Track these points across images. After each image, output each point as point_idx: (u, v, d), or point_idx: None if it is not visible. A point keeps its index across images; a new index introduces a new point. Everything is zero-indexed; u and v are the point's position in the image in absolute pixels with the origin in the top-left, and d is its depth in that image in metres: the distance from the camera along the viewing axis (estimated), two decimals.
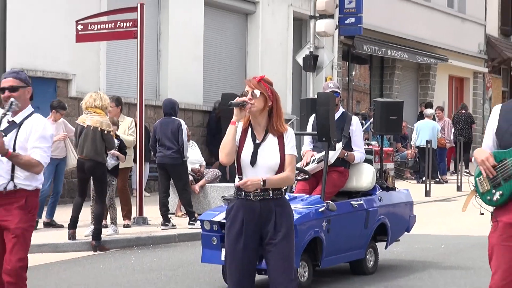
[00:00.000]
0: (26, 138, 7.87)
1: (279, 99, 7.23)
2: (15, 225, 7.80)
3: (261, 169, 7.06)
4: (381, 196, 12.58)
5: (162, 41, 24.32)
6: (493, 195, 6.80)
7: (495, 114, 6.91)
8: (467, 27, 40.36)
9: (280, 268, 7.13)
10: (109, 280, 12.23)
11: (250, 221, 7.15)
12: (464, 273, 12.34)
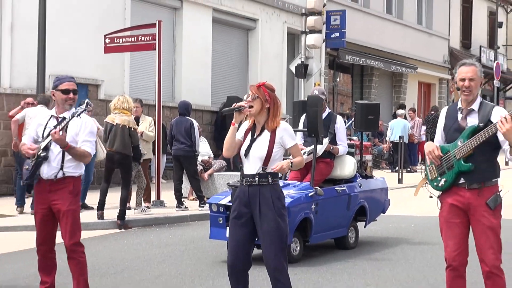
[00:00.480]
0: (77, 132, 7.98)
1: (278, 102, 7.34)
2: (67, 208, 7.95)
3: (252, 160, 7.21)
4: (361, 183, 12.65)
5: (176, 52, 24.29)
6: (439, 181, 7.01)
7: (442, 114, 7.21)
8: (433, 41, 40.30)
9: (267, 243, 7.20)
10: (132, 253, 12.26)
11: (244, 203, 7.26)
12: (431, 247, 12.35)
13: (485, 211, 6.81)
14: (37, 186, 8.08)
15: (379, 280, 10.02)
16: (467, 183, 6.84)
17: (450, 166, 6.87)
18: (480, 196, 6.81)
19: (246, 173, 7.23)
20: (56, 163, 7.95)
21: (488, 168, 6.88)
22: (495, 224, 6.84)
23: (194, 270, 10.77)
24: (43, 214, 8.09)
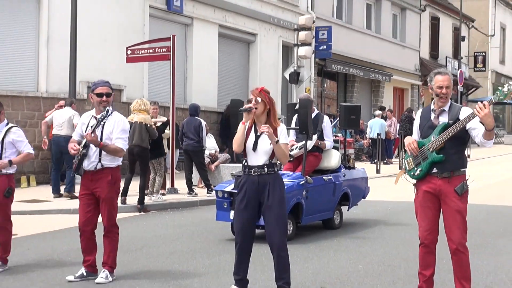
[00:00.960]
0: (111, 130, 8.17)
1: (275, 103, 7.51)
2: (105, 195, 8.23)
3: (259, 153, 7.28)
4: (344, 173, 12.65)
5: (188, 62, 24.26)
6: (415, 171, 7.15)
7: (418, 115, 7.47)
8: (406, 52, 40.28)
9: (273, 223, 7.28)
10: (150, 233, 12.26)
11: (251, 190, 7.30)
12: (404, 227, 12.34)
13: (454, 196, 6.92)
14: (84, 176, 8.36)
15: (360, 255, 10.02)
16: (438, 172, 6.95)
17: (425, 157, 7.00)
18: (449, 183, 6.93)
19: (254, 165, 7.28)
20: (94, 157, 8.23)
21: (457, 159, 6.98)
22: (462, 208, 6.96)
23: (203, 247, 10.79)
24: (87, 199, 8.37)
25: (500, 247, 10.42)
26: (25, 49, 19.49)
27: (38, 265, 9.28)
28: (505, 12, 57.32)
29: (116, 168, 8.36)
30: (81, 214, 8.35)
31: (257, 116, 7.29)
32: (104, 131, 8.19)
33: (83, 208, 8.33)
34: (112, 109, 8.31)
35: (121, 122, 8.30)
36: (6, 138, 8.91)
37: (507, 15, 57.58)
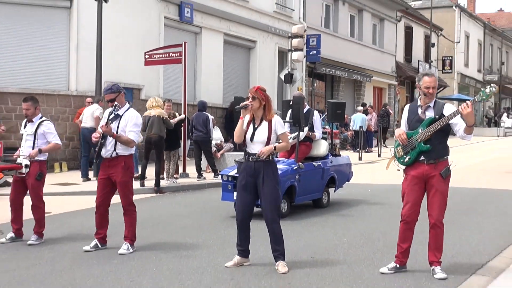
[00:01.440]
0: (125, 124, 8.36)
1: (270, 100, 7.54)
2: (120, 179, 8.38)
3: (256, 143, 7.37)
4: (331, 159, 12.64)
5: (197, 65, 24.21)
6: (404, 158, 7.18)
7: (405, 109, 7.46)
8: (384, 56, 40.24)
9: (269, 203, 7.33)
10: (165, 211, 12.28)
11: (249, 174, 7.37)
12: (383, 206, 12.36)
13: (438, 179, 7.01)
14: (102, 163, 8.50)
15: (345, 230, 10.03)
16: (425, 159, 7.02)
17: (413, 147, 7.08)
18: (435, 168, 7.02)
19: (252, 153, 7.36)
20: (110, 146, 8.35)
21: (441, 148, 7.07)
22: (445, 189, 7.08)
23: (210, 222, 10.80)
24: (104, 182, 8.48)
25: (464, 223, 10.47)
26: (57, 54, 19.49)
27: (69, 239, 9.30)
28: (469, 22, 57.42)
29: (129, 156, 8.49)
30: (98, 194, 8.52)
31: (254, 111, 7.38)
32: (120, 125, 8.35)
33: (100, 189, 8.49)
34: (130, 106, 8.62)
35: (134, 118, 8.48)
36: (38, 130, 9.03)
37: (470, 25, 57.65)
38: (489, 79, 61.01)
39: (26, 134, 9.06)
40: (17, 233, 9.12)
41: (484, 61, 61.53)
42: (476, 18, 60.43)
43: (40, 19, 19.25)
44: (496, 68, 63.57)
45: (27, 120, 9.10)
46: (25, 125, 9.14)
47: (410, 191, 7.11)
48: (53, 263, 7.81)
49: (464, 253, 8.24)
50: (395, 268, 7.23)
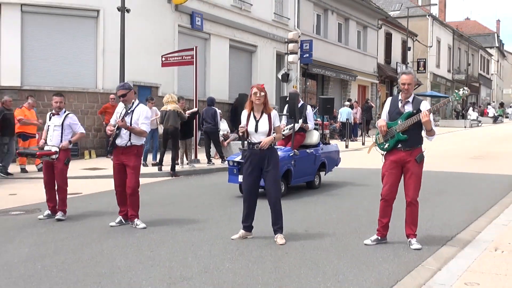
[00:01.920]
0: (137, 117, 8.35)
1: (267, 96, 7.55)
2: (132, 164, 8.35)
3: (259, 133, 7.37)
4: (322, 147, 12.63)
5: (206, 66, 24.15)
6: (384, 145, 7.18)
7: (387, 102, 7.51)
8: (367, 59, 40.13)
9: (271, 184, 7.36)
10: (179, 192, 12.28)
11: (254, 160, 7.38)
12: (366, 187, 12.34)
13: (414, 163, 7.03)
14: (115, 150, 8.49)
15: (334, 207, 10.03)
16: (402, 147, 7.05)
17: (392, 136, 7.10)
18: (411, 155, 7.05)
19: (256, 142, 7.40)
20: (125, 137, 8.41)
21: (416, 138, 7.09)
22: (419, 172, 7.09)
23: (218, 201, 10.80)
24: (118, 167, 8.53)
25: (436, 202, 10.48)
26: (86, 57, 19.46)
27: (97, 216, 9.33)
28: (440, 29, 57.45)
29: (140, 146, 8.56)
30: (115, 178, 8.57)
31: (256, 105, 7.40)
32: (133, 118, 8.37)
33: (116, 173, 8.53)
34: (139, 102, 8.61)
35: (144, 112, 8.54)
36: (65, 122, 9.16)
37: (441, 31, 57.69)
38: (457, 78, 61.12)
39: (54, 125, 9.12)
40: (52, 210, 9.17)
41: (453, 63, 61.57)
42: (446, 26, 60.51)
43: (71, 27, 19.22)
44: (463, 69, 63.58)
45: (53, 113, 9.17)
46: (50, 118, 9.21)
47: (389, 174, 7.12)
48: (84, 236, 7.83)
49: (436, 227, 8.25)
50: (377, 240, 7.25)
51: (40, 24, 18.81)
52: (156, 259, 6.57)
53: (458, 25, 71.44)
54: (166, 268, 6.22)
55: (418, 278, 5.81)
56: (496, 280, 5.59)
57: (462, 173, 15.21)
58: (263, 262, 6.42)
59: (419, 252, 6.80)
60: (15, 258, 6.66)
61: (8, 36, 18.35)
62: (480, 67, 73.21)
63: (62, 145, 8.96)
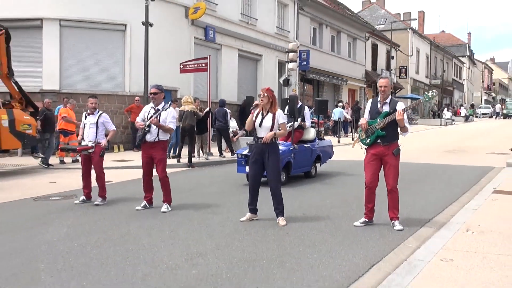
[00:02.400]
0: (165, 117, 8.32)
1: (275, 97, 7.54)
2: (159, 157, 8.34)
3: (263, 129, 7.40)
4: (318, 142, 12.58)
5: (218, 72, 24.12)
6: (366, 140, 7.19)
7: (368, 103, 7.51)
8: (356, 66, 40.01)
9: (272, 173, 7.35)
10: (195, 181, 12.26)
11: (257, 152, 7.37)
12: (357, 177, 12.28)
13: (391, 156, 7.01)
14: (144, 145, 8.45)
15: (328, 194, 10.01)
16: (381, 142, 7.03)
17: (373, 132, 7.08)
18: (389, 149, 7.03)
19: (260, 136, 7.38)
20: (154, 133, 8.35)
21: (393, 134, 7.08)
22: (396, 163, 7.07)
23: (229, 189, 10.79)
24: (146, 159, 8.50)
25: (415, 189, 10.44)
26: (115, 64, 19.47)
27: (126, 201, 9.34)
28: (419, 40, 57.24)
29: (166, 141, 8.54)
30: (143, 168, 8.54)
31: (263, 105, 7.38)
32: (161, 117, 8.32)
33: (145, 165, 8.49)
34: (169, 105, 8.51)
35: (172, 112, 8.50)
36: (99, 120, 9.17)
37: (420, 42, 57.46)
38: (434, 82, 60.90)
39: (89, 124, 9.14)
40: (87, 196, 9.19)
41: (430, 69, 61.33)
42: (424, 38, 60.32)
43: (102, 39, 19.22)
44: (439, 74, 63.30)
45: (88, 113, 9.19)
46: (85, 117, 9.24)
47: (370, 165, 7.12)
48: (114, 218, 7.84)
49: (416, 211, 8.22)
50: (365, 222, 7.25)
51: (76, 36, 18.82)
52: (176, 238, 6.58)
53: (434, 37, 71.14)
54: (184, 245, 6.23)
55: (400, 255, 5.80)
56: (468, 256, 5.58)
57: (438, 164, 15.16)
58: (267, 241, 6.42)
59: (401, 233, 6.79)
60: (55, 237, 6.69)
61: (48, 47, 18.38)
62: (454, 73, 72.91)
63: (103, 144, 9.01)
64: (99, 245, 6.25)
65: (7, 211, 8.51)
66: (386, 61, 47.61)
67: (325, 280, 5.00)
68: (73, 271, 5.29)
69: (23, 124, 13.25)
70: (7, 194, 10.17)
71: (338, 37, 37.20)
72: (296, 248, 6.09)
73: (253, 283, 4.91)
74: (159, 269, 5.33)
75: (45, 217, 7.98)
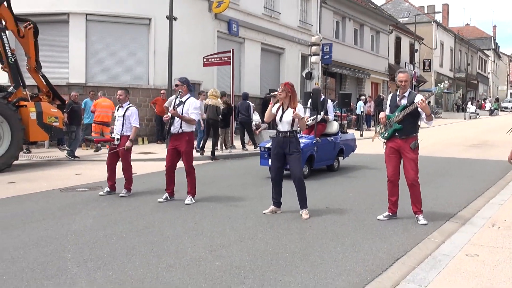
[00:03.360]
0: (188, 108, 8.24)
1: (295, 92, 7.53)
2: (184, 149, 8.34)
3: (284, 123, 7.36)
4: (341, 135, 12.49)
5: (241, 66, 24.11)
6: (384, 134, 7.11)
7: (389, 97, 7.34)
8: (379, 60, 39.62)
9: (294, 166, 7.29)
10: (218, 173, 12.29)
11: (279, 145, 7.35)
12: (379, 170, 12.15)
13: (409, 150, 6.89)
14: (171, 137, 8.42)
15: (350, 188, 9.94)
16: (399, 135, 6.92)
17: (391, 126, 6.95)
18: (406, 142, 6.91)
19: (281, 130, 7.35)
20: (177, 125, 8.30)
21: (410, 128, 6.95)
22: (415, 157, 6.93)
23: (251, 181, 10.78)
24: (171, 151, 8.46)
25: (440, 183, 10.30)
26: (140, 58, 19.59)
27: (150, 193, 9.38)
28: (443, 33, 56.39)
29: (190, 132, 8.42)
30: (167, 160, 8.49)
31: (283, 99, 7.35)
32: (184, 108, 8.26)
33: (169, 156, 8.46)
34: (190, 95, 8.45)
35: (193, 103, 8.39)
36: (126, 113, 9.09)
37: (444, 36, 56.62)
38: (458, 76, 60.03)
39: (118, 116, 9.13)
40: (112, 187, 9.25)
41: (454, 63, 60.40)
42: (448, 31, 59.42)
43: (127, 33, 19.35)
44: (463, 68, 62.34)
45: (119, 105, 9.17)
46: (117, 109, 9.23)
47: (390, 159, 7.06)
48: (139, 210, 7.89)
49: (440, 206, 8.11)
50: (388, 216, 7.18)
51: (102, 31, 18.97)
52: (199, 230, 6.59)
53: (459, 30, 70.07)
54: (208, 237, 6.24)
55: (424, 249, 5.72)
56: (493, 252, 5.47)
57: (463, 158, 14.93)
58: (290, 234, 6.39)
59: (425, 227, 6.70)
60: (81, 227, 6.76)
61: (75, 41, 18.57)
62: (478, 67, 71.72)
63: (127, 145, 8.92)
64: (124, 236, 6.30)
65: (35, 202, 8.64)
66: (410, 55, 47.04)
67: (348, 273, 4.95)
68: (99, 261, 5.33)
69: (50, 116, 13.42)
70: (35, 185, 10.33)
71: (361, 30, 36.85)
72: (319, 241, 6.04)
73: (276, 275, 4.89)
74: (183, 260, 5.34)
75: (72, 208, 8.07)
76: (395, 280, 4.75)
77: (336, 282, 4.72)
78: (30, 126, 13.05)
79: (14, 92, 13.25)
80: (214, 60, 18.28)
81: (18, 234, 6.44)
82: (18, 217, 7.41)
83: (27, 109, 13.08)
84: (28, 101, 13.41)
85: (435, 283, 4.57)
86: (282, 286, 4.63)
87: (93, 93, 17.40)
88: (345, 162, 13.28)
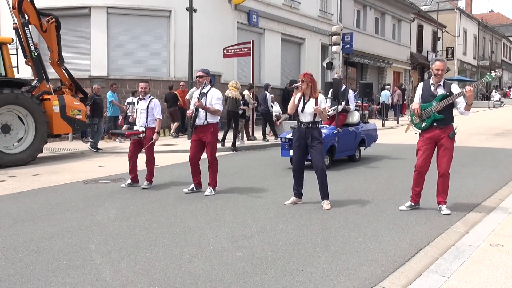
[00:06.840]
0: (211, 99, 8.27)
1: (315, 82, 7.46)
2: (209, 140, 8.36)
3: (306, 114, 7.33)
4: (362, 125, 12.40)
5: (261, 56, 24.12)
6: (421, 124, 6.97)
7: (420, 87, 7.18)
8: (401, 48, 39.19)
9: (316, 157, 7.25)
10: (239, 164, 12.30)
11: (301, 136, 7.30)
12: (401, 160, 12.10)
13: (447, 139, 6.83)
14: (195, 129, 8.41)
15: (372, 178, 9.87)
16: (437, 125, 6.85)
17: (428, 116, 6.88)
18: (445, 132, 6.85)
19: (303, 121, 7.33)
20: (202, 116, 8.31)
21: (449, 117, 6.87)
22: (452, 147, 6.88)
23: (272, 172, 10.78)
24: (195, 142, 8.45)
25: (464, 173, 10.18)
26: (160, 50, 19.69)
27: (171, 184, 9.45)
28: (466, 21, 55.46)
29: (215, 123, 8.40)
30: (191, 151, 8.46)
31: (304, 90, 7.30)
32: (207, 99, 8.24)
33: (192, 148, 8.41)
34: (211, 86, 8.41)
35: (216, 94, 8.35)
36: (149, 105, 9.10)
37: (467, 23, 55.68)
38: (482, 64, 59.06)
39: (141, 109, 9.14)
40: (134, 179, 9.32)
41: (478, 51, 59.44)
42: (472, 18, 58.42)
43: (148, 25, 19.45)
44: (487, 56, 61.29)
45: (140, 98, 9.21)
46: (137, 102, 9.26)
47: (424, 149, 6.93)
48: (161, 201, 7.95)
49: (464, 195, 8.02)
50: (411, 206, 7.12)
51: (123, 24, 19.10)
52: (221, 221, 6.62)
53: (483, 17, 68.74)
54: (229, 228, 6.26)
55: (448, 240, 5.66)
56: None
57: (487, 148, 14.72)
58: (311, 224, 6.38)
59: (448, 217, 6.63)
60: (105, 219, 6.85)
61: (96, 34, 18.74)
62: (503, 54, 70.40)
63: (154, 139, 8.94)
64: (147, 227, 6.36)
65: (60, 194, 8.77)
66: (432, 43, 46.41)
67: (370, 264, 4.93)
68: (123, 252, 5.40)
69: (73, 109, 13.60)
70: (59, 177, 10.49)
71: (383, 19, 36.47)
72: (341, 232, 6.03)
73: (298, 266, 4.89)
74: (205, 251, 5.38)
75: (95, 200, 8.17)
76: (418, 271, 4.72)
77: (358, 273, 4.71)
78: (54, 119, 13.23)
79: (37, 85, 13.44)
80: (234, 52, 18.28)
81: (43, 226, 6.55)
82: (43, 209, 7.54)
83: (51, 102, 13.26)
84: (52, 94, 13.60)
85: (458, 274, 4.53)
86: (304, 276, 4.63)
87: (116, 86, 17.55)
88: (366, 152, 13.19)
